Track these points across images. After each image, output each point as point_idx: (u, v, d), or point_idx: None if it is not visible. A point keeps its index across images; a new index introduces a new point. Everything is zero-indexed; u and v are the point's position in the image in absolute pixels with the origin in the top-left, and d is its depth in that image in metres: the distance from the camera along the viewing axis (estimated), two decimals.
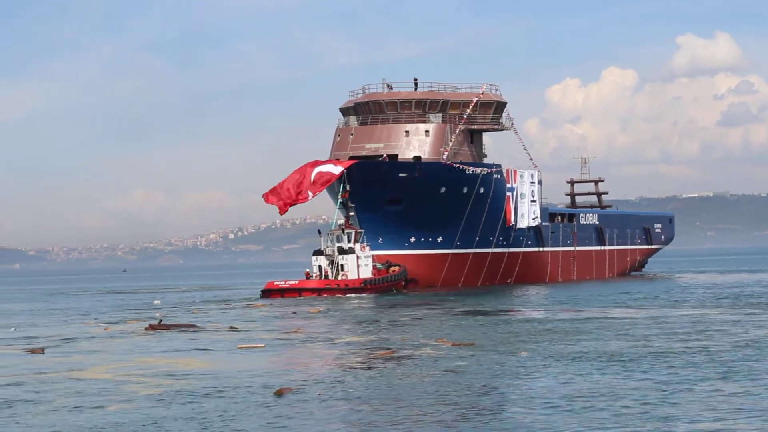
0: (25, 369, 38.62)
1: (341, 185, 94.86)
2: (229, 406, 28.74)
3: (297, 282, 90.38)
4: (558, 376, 33.50)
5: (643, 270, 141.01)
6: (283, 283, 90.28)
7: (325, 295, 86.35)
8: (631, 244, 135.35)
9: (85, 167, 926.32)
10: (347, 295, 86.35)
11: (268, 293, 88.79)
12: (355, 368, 36.90)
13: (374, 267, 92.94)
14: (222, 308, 78.14)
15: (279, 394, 30.56)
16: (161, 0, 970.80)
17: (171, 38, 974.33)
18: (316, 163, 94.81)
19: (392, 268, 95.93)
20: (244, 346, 46.07)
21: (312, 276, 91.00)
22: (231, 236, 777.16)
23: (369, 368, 36.76)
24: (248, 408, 28.30)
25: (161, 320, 60.06)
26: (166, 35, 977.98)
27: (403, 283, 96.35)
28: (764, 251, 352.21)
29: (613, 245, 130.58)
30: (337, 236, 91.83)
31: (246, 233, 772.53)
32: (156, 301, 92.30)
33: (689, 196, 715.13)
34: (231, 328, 56.72)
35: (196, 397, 30.47)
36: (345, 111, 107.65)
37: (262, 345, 46.30)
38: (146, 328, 56.70)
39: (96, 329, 58.84)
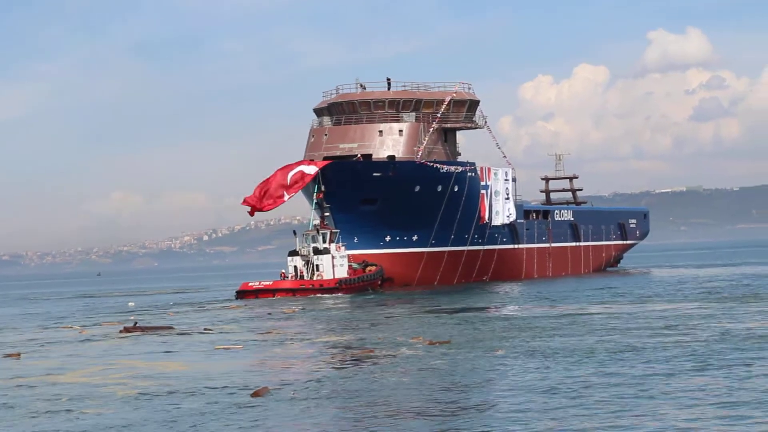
0: (1, 374, 38.37)
1: (315, 185, 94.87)
2: (204, 407, 28.72)
3: (271, 283, 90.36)
4: (533, 372, 33.65)
5: (618, 265, 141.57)
6: (258, 284, 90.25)
7: (299, 296, 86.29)
8: (606, 240, 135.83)
9: (62, 169, 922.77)
10: (322, 295, 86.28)
11: (242, 294, 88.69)
12: (332, 368, 36.95)
13: (350, 267, 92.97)
14: (196, 310, 77.96)
15: (255, 395, 30.49)
16: (143, 1, 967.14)
17: (150, 40, 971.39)
18: (290, 167, 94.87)
19: (368, 268, 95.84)
20: (221, 347, 45.97)
21: (288, 277, 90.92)
22: (205, 238, 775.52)
23: (345, 368, 36.81)
24: (224, 409, 28.27)
25: (136, 323, 59.91)
26: (146, 37, 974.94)
27: (380, 282, 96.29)
28: (737, 245, 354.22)
29: (588, 241, 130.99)
30: (312, 237, 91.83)
31: (220, 235, 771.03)
32: (131, 304, 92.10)
33: (662, 191, 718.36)
34: (205, 329, 56.55)
35: (172, 398, 30.42)
36: (319, 111, 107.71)
37: (240, 346, 46.22)
38: (121, 331, 56.50)
39: (71, 333, 58.62)
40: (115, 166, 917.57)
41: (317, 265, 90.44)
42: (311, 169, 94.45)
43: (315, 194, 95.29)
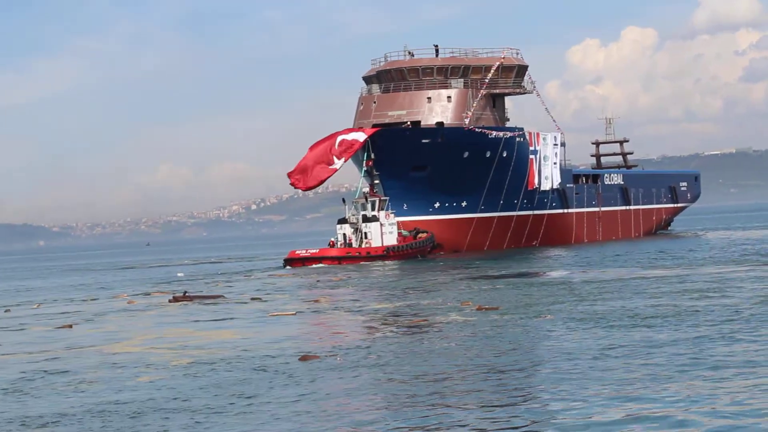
0: (55, 344, 38.89)
1: (365, 153, 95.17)
2: (252, 373, 28.94)
3: (317, 251, 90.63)
4: (581, 337, 33.57)
5: (669, 228, 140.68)
6: (305, 251, 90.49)
7: (345, 263, 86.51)
8: (656, 203, 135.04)
9: (109, 143, 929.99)
10: (370, 263, 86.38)
11: (290, 262, 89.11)
12: (380, 334, 37.11)
13: (400, 234, 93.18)
14: (245, 278, 78.49)
15: (303, 360, 30.70)
16: None
17: (193, 12, 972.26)
18: (338, 134, 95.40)
19: (420, 235, 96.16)
20: (274, 314, 46.29)
21: (337, 245, 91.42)
22: (254, 207, 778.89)
23: (393, 334, 36.95)
24: (272, 375, 28.47)
25: (186, 292, 60.31)
26: (189, 9, 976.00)
27: (429, 249, 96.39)
28: None
29: (638, 205, 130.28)
30: (362, 204, 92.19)
31: (269, 203, 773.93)
32: (179, 274, 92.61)
33: (711, 153, 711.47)
34: (252, 298, 56.85)
35: (222, 365, 30.74)
36: (368, 79, 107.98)
37: (293, 313, 46.53)
38: (170, 300, 56.92)
39: (121, 303, 59.19)
40: (162, 138, 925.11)
41: (366, 233, 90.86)
42: (360, 136, 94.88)
43: (364, 161, 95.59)
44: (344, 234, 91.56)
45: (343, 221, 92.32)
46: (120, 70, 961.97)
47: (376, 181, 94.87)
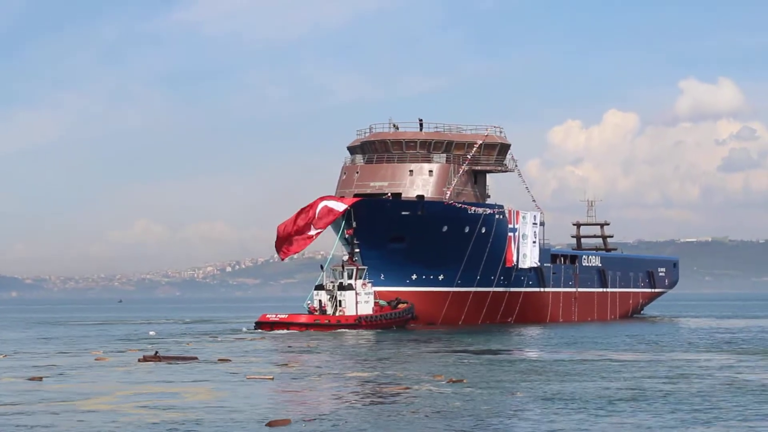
0: (26, 397, 38.61)
1: (344, 221, 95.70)
2: None
3: (286, 316, 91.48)
4: (551, 418, 33.84)
5: (641, 312, 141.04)
6: (275, 316, 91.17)
7: (313, 330, 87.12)
8: (633, 287, 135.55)
9: (87, 198, 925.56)
10: (339, 331, 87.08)
11: (261, 325, 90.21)
12: (350, 403, 37.25)
13: (376, 303, 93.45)
14: (216, 340, 78.71)
15: (272, 426, 30.67)
16: (167, 32, 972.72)
17: (176, 71, 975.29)
18: (322, 199, 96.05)
19: (400, 305, 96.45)
20: (253, 377, 46.27)
21: (317, 311, 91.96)
22: (228, 269, 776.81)
23: (363, 403, 37.13)
24: None
25: (156, 352, 60.26)
26: (172, 68, 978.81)
27: (407, 319, 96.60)
28: (762, 297, 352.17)
29: (615, 288, 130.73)
30: (339, 272, 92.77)
31: (243, 266, 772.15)
32: (151, 332, 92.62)
33: (688, 240, 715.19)
34: (221, 359, 56.92)
35: (190, 427, 30.51)
36: (352, 149, 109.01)
37: (271, 377, 46.50)
38: (139, 360, 56.87)
39: (92, 359, 59.02)
40: (139, 195, 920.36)
41: (340, 301, 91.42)
42: (341, 206, 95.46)
43: (344, 230, 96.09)
44: (320, 300, 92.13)
45: (320, 287, 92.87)
46: (101, 126, 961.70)
47: (357, 250, 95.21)
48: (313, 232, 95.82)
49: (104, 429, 30.34)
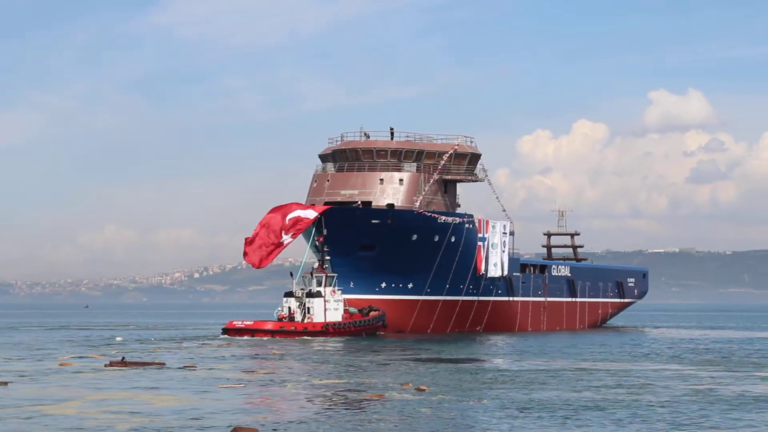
0: None
1: (315, 229, 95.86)
2: None
3: (252, 323, 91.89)
4: (518, 424, 34.15)
5: (606, 323, 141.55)
6: (241, 323, 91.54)
7: (278, 337, 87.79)
8: (603, 297, 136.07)
9: (56, 200, 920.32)
10: (306, 338, 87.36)
11: (227, 332, 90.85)
12: (316, 410, 37.35)
13: (346, 311, 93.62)
14: (182, 347, 78.69)
15: None
16: (143, 36, 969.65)
17: (151, 75, 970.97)
18: (292, 207, 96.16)
19: (372, 313, 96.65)
20: (225, 386, 46.22)
21: (286, 318, 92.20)
22: (196, 275, 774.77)
23: (330, 411, 37.23)
24: None
25: (123, 358, 60.24)
26: (147, 72, 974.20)
27: (378, 327, 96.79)
28: (728, 308, 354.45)
29: (584, 297, 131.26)
30: (308, 279, 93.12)
31: (211, 273, 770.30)
32: (118, 338, 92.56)
33: (655, 251, 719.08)
34: (186, 366, 56.92)
35: None
36: (324, 157, 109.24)
37: (243, 385, 46.53)
38: (106, 365, 56.78)
39: (57, 364, 58.91)
40: (109, 199, 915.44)
41: (309, 308, 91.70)
42: (311, 214, 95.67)
43: (315, 237, 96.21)
44: (289, 307, 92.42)
45: (289, 294, 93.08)
46: (74, 128, 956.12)
47: (327, 258, 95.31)
48: (285, 239, 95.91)
49: None
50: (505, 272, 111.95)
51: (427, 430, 32.60)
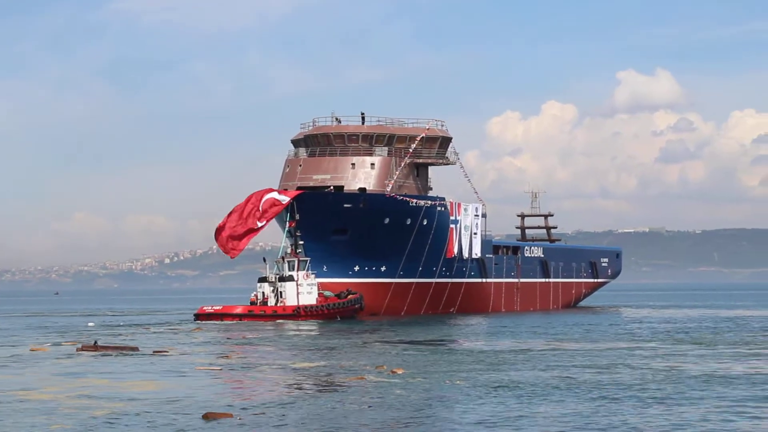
0: None
1: (288, 214, 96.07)
2: (153, 428, 29.28)
3: (221, 308, 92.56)
4: (491, 404, 34.59)
5: (580, 303, 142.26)
6: (211, 308, 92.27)
7: (247, 321, 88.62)
8: (576, 278, 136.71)
9: (24, 188, 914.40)
10: (281, 321, 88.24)
11: (199, 317, 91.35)
12: (289, 394, 37.54)
13: (321, 294, 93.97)
14: (153, 332, 78.87)
15: (207, 418, 30.88)
16: (108, 22, 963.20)
17: (120, 61, 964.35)
18: (265, 192, 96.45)
19: (350, 296, 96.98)
20: (202, 368, 46.33)
21: (258, 302, 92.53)
22: (167, 261, 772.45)
23: (304, 395, 37.45)
24: (170, 430, 28.70)
25: (96, 342, 60.22)
26: (115, 58, 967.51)
27: (355, 310, 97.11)
28: (698, 287, 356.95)
29: (557, 278, 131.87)
30: (281, 264, 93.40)
31: (182, 258, 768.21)
32: (90, 324, 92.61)
33: (625, 231, 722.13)
34: (156, 351, 57.05)
35: (123, 418, 30.91)
36: (296, 143, 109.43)
37: (219, 368, 46.65)
38: (78, 350, 56.82)
39: (28, 350, 58.91)
40: (79, 186, 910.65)
41: (281, 292, 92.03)
42: (284, 199, 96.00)
43: (288, 222, 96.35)
44: (263, 292, 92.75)
45: (263, 279, 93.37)
46: (43, 115, 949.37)
47: (301, 242, 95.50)
48: (259, 224, 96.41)
49: (43, 419, 30.46)
50: (478, 254, 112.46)
51: (403, 412, 32.86)
